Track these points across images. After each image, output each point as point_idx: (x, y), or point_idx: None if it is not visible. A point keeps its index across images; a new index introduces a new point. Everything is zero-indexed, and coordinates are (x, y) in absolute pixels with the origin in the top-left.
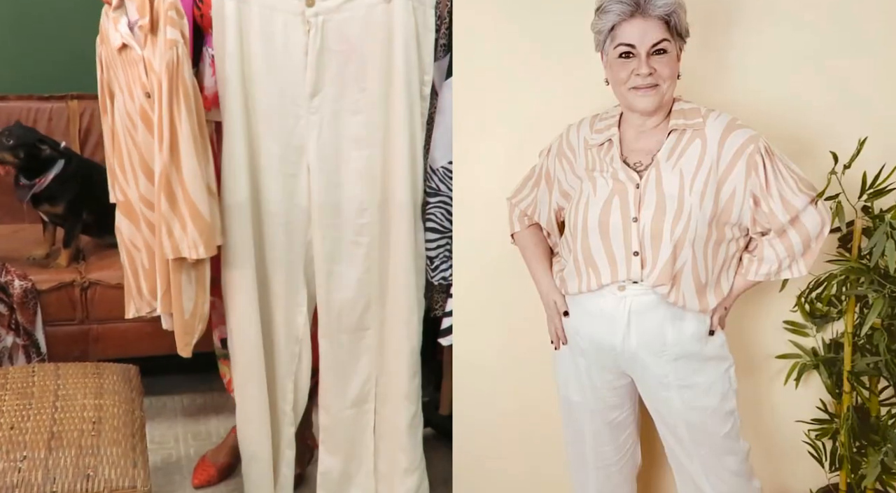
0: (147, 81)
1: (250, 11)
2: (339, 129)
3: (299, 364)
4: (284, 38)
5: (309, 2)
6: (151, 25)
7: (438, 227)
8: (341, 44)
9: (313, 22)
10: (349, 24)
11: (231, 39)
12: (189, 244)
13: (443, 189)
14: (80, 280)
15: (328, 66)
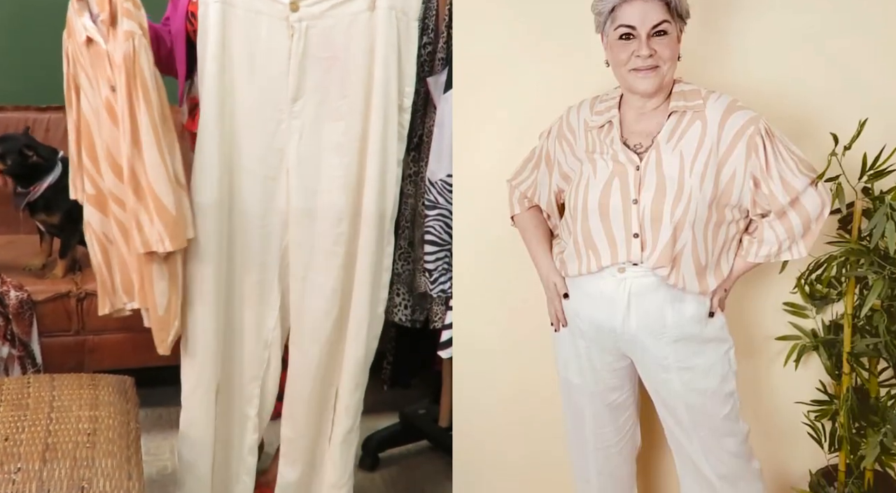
0: (111, 75)
1: (235, 14)
2: (320, 135)
3: (267, 369)
4: (268, 42)
5: (293, 7)
6: (111, 19)
7: (437, 239)
8: (324, 50)
9: (297, 27)
10: (333, 31)
11: (213, 41)
12: (156, 238)
13: (441, 202)
14: (76, 291)
15: (310, 72)
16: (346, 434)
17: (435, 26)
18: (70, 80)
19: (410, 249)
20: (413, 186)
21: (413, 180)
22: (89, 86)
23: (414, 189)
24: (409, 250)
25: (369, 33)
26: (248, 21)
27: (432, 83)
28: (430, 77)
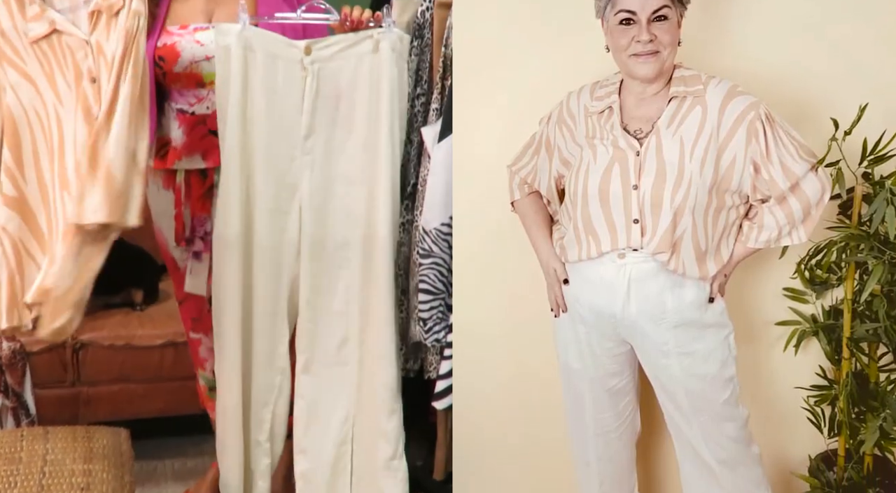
0: (94, 66)
1: (255, 59)
2: (330, 168)
3: (279, 395)
4: (284, 84)
5: (307, 50)
6: (112, 9)
7: (431, 288)
8: (334, 89)
9: (310, 69)
10: (341, 72)
11: (235, 85)
12: (92, 208)
13: (436, 251)
14: (71, 341)
15: (321, 110)
16: (389, 461)
17: (429, 78)
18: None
19: (404, 297)
20: (406, 234)
21: (406, 229)
22: (27, 83)
23: (407, 238)
24: (403, 298)
25: (374, 72)
26: (267, 65)
27: (426, 133)
28: (425, 127)
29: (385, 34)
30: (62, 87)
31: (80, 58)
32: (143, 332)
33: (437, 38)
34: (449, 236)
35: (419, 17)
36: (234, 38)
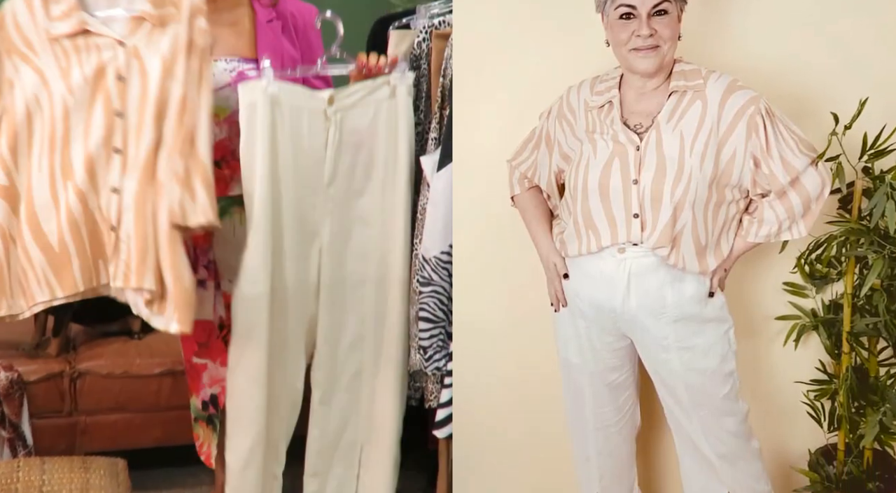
0: (123, 66)
1: (281, 113)
2: (349, 211)
3: (289, 428)
4: (310, 135)
5: (330, 100)
6: (162, 20)
7: (431, 316)
8: (355, 136)
9: (333, 119)
10: (361, 119)
11: (263, 142)
12: (202, 210)
13: (435, 279)
14: (68, 370)
15: (343, 157)
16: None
17: (425, 107)
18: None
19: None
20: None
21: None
22: (34, 74)
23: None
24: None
25: (392, 117)
26: (293, 118)
27: (425, 162)
28: (423, 156)
29: (401, 79)
30: (77, 80)
31: (108, 57)
32: (141, 361)
33: (435, 68)
34: (449, 265)
35: (415, 49)
36: (259, 95)
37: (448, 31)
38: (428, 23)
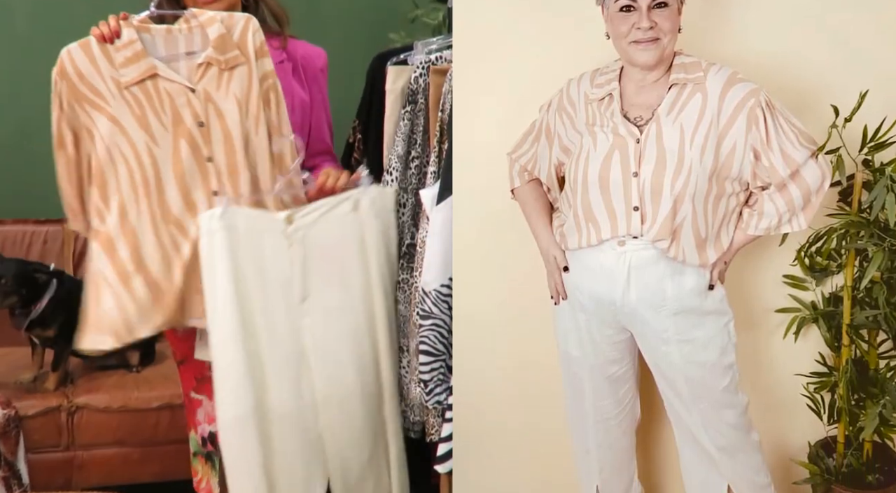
0: (201, 112)
1: (239, 238)
2: (330, 327)
3: None
4: (272, 255)
5: (289, 220)
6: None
7: (432, 350)
8: (321, 251)
9: (294, 237)
10: (326, 234)
11: (223, 268)
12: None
13: (436, 312)
14: (66, 404)
15: (312, 273)
16: None
17: (423, 141)
18: (64, 122)
19: (403, 358)
20: (402, 293)
21: (402, 288)
22: (110, 124)
23: (403, 296)
24: (402, 359)
25: (358, 230)
26: (251, 241)
27: (424, 195)
28: (422, 190)
29: (364, 193)
30: (157, 129)
31: (181, 102)
32: (139, 394)
33: (434, 103)
34: (449, 298)
35: (412, 84)
36: (216, 223)
37: (446, 67)
38: (425, 58)
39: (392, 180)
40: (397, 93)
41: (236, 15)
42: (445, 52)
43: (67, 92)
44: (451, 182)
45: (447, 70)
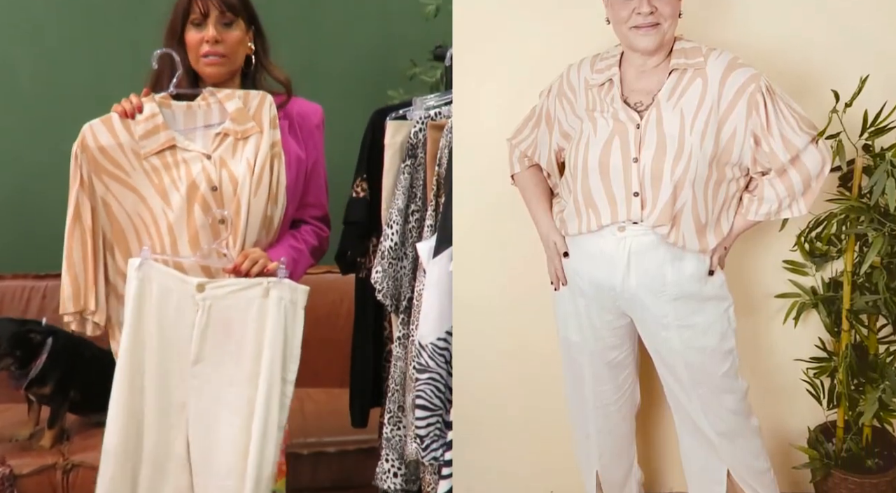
0: (215, 177)
1: (151, 289)
2: (217, 396)
3: None
4: (176, 314)
5: (199, 288)
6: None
7: (428, 404)
8: (223, 325)
9: (202, 304)
10: (231, 310)
11: (130, 311)
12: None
13: (432, 366)
14: (62, 462)
15: (210, 341)
16: None
17: (423, 195)
18: (84, 196)
19: (400, 413)
20: (402, 348)
21: (402, 343)
22: (130, 193)
23: (403, 352)
24: (399, 414)
25: (262, 316)
26: (161, 296)
27: (421, 248)
28: (420, 243)
29: (275, 284)
30: (173, 195)
31: (197, 169)
32: None
33: (431, 157)
34: (445, 352)
35: (412, 138)
36: (133, 271)
37: (443, 123)
38: (424, 114)
39: (392, 233)
40: (396, 147)
41: (252, 92)
42: (444, 109)
43: (88, 165)
44: (449, 235)
45: (444, 125)
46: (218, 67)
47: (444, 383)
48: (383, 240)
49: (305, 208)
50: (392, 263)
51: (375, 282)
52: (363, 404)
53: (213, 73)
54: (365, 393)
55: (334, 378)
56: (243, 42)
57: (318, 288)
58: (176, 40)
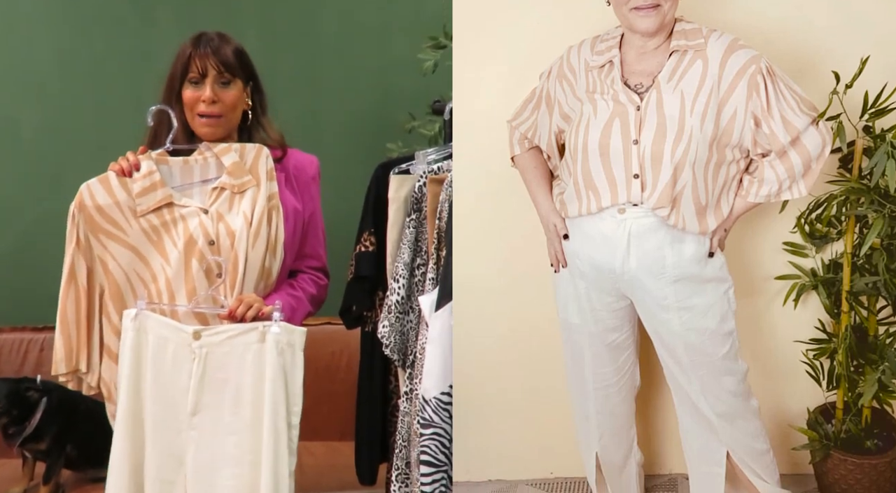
0: (212, 231)
1: (147, 340)
2: (216, 447)
3: None
4: (173, 364)
5: (196, 336)
6: (241, 188)
7: (433, 460)
8: (220, 372)
9: (198, 352)
10: (228, 357)
11: (127, 361)
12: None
13: (436, 420)
14: None
15: (207, 391)
16: None
17: (426, 249)
18: (80, 255)
19: (407, 469)
20: (409, 404)
21: (409, 397)
22: (128, 251)
23: (410, 407)
24: (406, 470)
25: (260, 361)
26: (157, 346)
27: (423, 302)
28: (422, 296)
29: (270, 327)
30: (171, 251)
31: (194, 224)
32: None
33: (431, 211)
34: (449, 406)
35: (416, 192)
36: (128, 322)
37: (443, 177)
38: (427, 168)
39: (399, 287)
40: (400, 201)
41: (248, 145)
42: (443, 163)
43: (85, 225)
44: (450, 289)
45: (444, 179)
46: (213, 128)
47: (449, 438)
48: (390, 294)
49: (303, 259)
50: (399, 317)
51: (383, 336)
52: (371, 460)
53: (208, 133)
54: (373, 449)
55: (334, 431)
56: (241, 100)
57: (317, 340)
58: (174, 97)
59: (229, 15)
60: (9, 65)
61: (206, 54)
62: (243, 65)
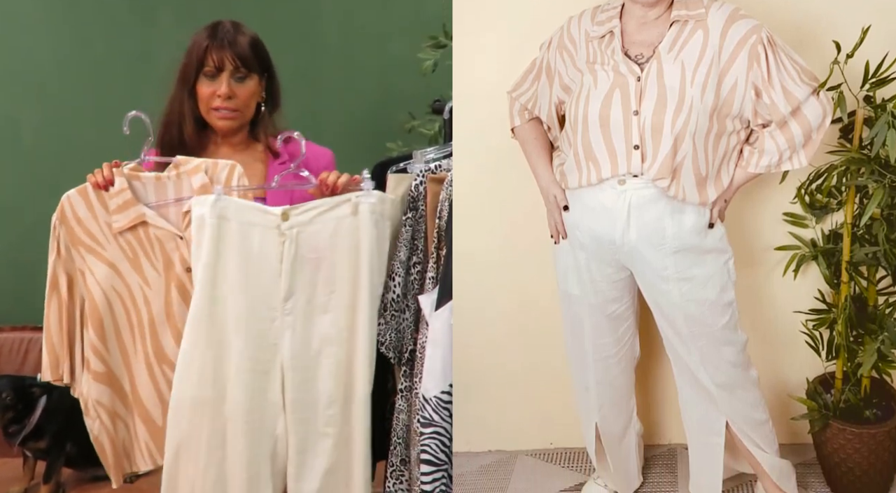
0: (187, 257)
1: (230, 228)
2: (311, 328)
3: None
4: (261, 250)
5: (284, 216)
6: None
7: (434, 459)
8: (312, 251)
9: (288, 234)
10: (320, 235)
11: (207, 252)
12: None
13: (437, 420)
14: None
15: (300, 272)
16: None
17: (424, 247)
18: (60, 266)
19: (403, 467)
20: (405, 401)
21: (405, 395)
22: (105, 267)
23: (406, 405)
24: (402, 468)
25: (353, 234)
26: (242, 233)
27: (424, 301)
28: (422, 295)
29: (363, 197)
30: (150, 272)
31: (171, 248)
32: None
33: (431, 210)
34: (449, 405)
35: (413, 191)
36: (207, 208)
37: (443, 176)
38: (424, 167)
39: (395, 285)
40: (398, 200)
41: (221, 162)
42: (443, 161)
43: (66, 236)
44: (450, 288)
45: (444, 178)
46: (230, 122)
47: (449, 436)
48: (385, 292)
49: None
50: (394, 315)
51: (378, 334)
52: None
53: (224, 126)
54: (372, 447)
55: None
56: (256, 94)
57: None
58: (187, 89)
59: (229, 15)
60: (9, 65)
61: (223, 47)
62: (259, 58)
